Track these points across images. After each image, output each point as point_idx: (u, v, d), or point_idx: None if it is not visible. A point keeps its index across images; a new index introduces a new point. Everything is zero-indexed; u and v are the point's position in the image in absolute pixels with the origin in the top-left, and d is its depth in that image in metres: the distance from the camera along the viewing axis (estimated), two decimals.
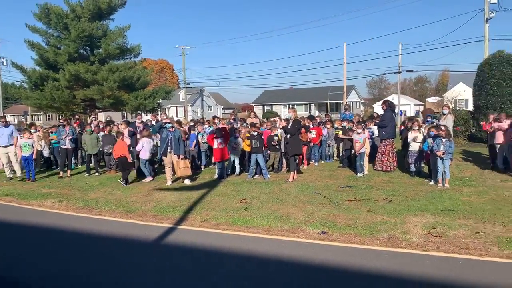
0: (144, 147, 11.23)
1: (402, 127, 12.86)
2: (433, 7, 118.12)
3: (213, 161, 13.41)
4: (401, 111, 46.37)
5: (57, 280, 5.00)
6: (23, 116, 62.04)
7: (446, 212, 7.20)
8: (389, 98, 57.69)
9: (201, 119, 18.97)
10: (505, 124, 10.88)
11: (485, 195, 8.37)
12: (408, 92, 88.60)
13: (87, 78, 25.19)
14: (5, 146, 12.24)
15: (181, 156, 10.60)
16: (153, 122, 15.05)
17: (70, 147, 12.84)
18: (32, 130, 14.53)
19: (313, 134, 13.06)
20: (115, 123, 15.30)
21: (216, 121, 15.19)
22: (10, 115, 70.24)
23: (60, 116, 31.42)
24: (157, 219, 7.61)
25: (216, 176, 11.44)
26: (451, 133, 10.51)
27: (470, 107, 22.46)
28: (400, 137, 12.92)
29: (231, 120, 14.75)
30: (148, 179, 11.45)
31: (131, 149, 12.02)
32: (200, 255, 5.77)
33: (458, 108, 26.36)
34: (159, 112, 29.93)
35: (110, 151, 12.56)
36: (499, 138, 10.93)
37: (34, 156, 12.45)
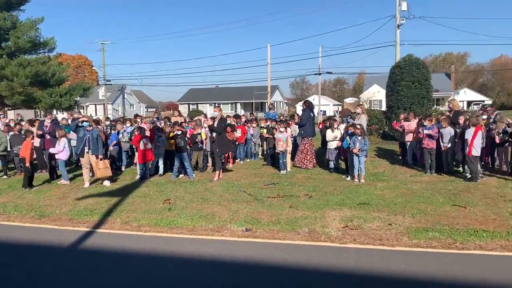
0: (65, 148, 10.57)
1: (322, 126, 13.42)
2: (351, 12, 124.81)
3: (134, 161, 12.98)
4: (321, 110, 48.39)
5: None
6: None
7: (361, 206, 7.64)
8: (310, 98, 59.94)
9: (121, 117, 18.24)
10: (413, 123, 11.80)
11: (396, 189, 9.01)
12: (328, 93, 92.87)
13: None
14: None
15: (100, 157, 10.10)
16: (69, 121, 14.20)
17: None
18: None
19: (238, 133, 13.16)
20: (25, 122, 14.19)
21: (139, 120, 14.73)
22: None
23: None
24: (74, 223, 7.17)
25: (138, 177, 11.06)
26: (366, 131, 11.16)
27: (384, 107, 24.05)
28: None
29: (154, 119, 14.38)
30: (64, 181, 10.75)
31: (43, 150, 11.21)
32: (120, 258, 5.55)
33: (372, 108, 28.13)
34: (76, 110, 28.26)
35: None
36: (409, 136, 11.84)
37: None
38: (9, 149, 12.23)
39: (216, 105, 11.65)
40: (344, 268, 4.97)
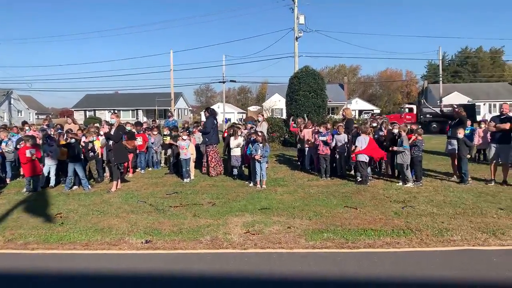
0: None
1: (226, 134, 13.56)
2: (255, 22, 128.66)
3: (21, 172, 11.84)
4: (226, 118, 48.86)
5: None
6: None
7: (263, 211, 7.83)
8: (215, 106, 60.42)
9: (3, 125, 16.51)
10: (310, 130, 12.46)
11: (295, 193, 9.41)
12: (232, 100, 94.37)
13: None
14: None
15: None
16: None
17: None
18: None
19: (139, 141, 12.70)
20: None
21: (27, 127, 13.47)
22: None
23: None
24: None
25: (24, 190, 10.05)
26: (267, 138, 11.53)
27: (285, 116, 25.05)
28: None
29: (45, 126, 13.26)
30: None
31: None
32: (6, 280, 4.97)
33: (274, 116, 29.18)
34: None
35: None
36: (306, 142, 12.47)
37: None
38: None
39: (114, 111, 11.11)
40: (245, 273, 5.03)
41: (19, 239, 6.45)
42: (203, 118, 13.10)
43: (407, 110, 38.27)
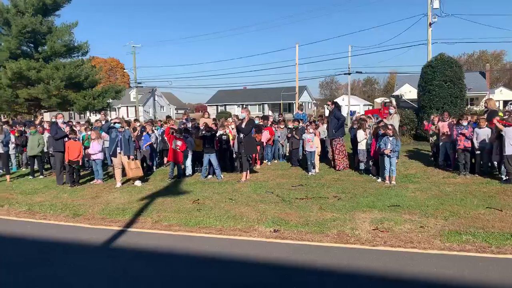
0: (98, 149, 10.90)
1: (352, 126, 13.26)
2: (383, 11, 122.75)
3: (165, 161, 13.21)
4: (351, 111, 47.76)
5: None
6: None
7: (392, 208, 7.48)
8: (340, 98, 59.33)
9: (150, 119, 18.61)
10: (446, 123, 11.44)
11: (428, 191, 8.78)
12: (358, 92, 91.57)
13: (30, 76, 23.97)
14: None
15: (131, 157, 10.33)
16: (103, 122, 14.58)
17: (2, 151, 11.94)
18: None
19: (266, 134, 13.18)
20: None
21: (171, 122, 14.96)
22: None
23: (2, 117, 29.76)
24: (106, 222, 7.36)
25: (168, 177, 11.23)
26: (398, 132, 10.93)
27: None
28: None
29: (184, 120, 14.56)
30: (98, 181, 11.05)
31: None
32: (151, 257, 5.64)
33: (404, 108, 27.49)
34: (109, 111, 29.02)
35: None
36: (442, 136, 11.49)
37: None
38: (45, 150, 12.68)
39: (244, 106, 11.60)
40: (374, 270, 4.87)
41: (164, 221, 7.24)
42: (327, 112, 12.94)
43: None
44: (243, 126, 10.59)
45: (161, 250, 5.87)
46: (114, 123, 10.57)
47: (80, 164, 11.26)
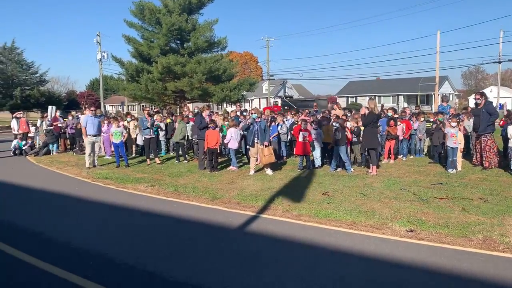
0: (233, 137, 11.60)
1: (503, 123, 11.75)
2: None
3: (295, 152, 13.43)
4: (500, 104, 42.32)
5: (147, 258, 5.33)
6: (120, 106, 67.52)
7: None
8: (487, 90, 52.98)
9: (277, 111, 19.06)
10: None
11: None
12: (509, 83, 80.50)
13: (176, 70, 26.55)
14: (94, 135, 12.82)
15: (266, 144, 10.75)
16: (237, 113, 15.46)
17: (152, 136, 13.39)
18: (128, 119, 15.73)
19: (401, 127, 12.47)
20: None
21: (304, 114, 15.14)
22: (109, 105, 76.75)
23: (154, 107, 33.58)
24: (241, 207, 7.79)
25: (298, 167, 11.42)
26: None
27: None
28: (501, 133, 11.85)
29: (314, 112, 14.60)
30: (233, 168, 11.78)
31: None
32: (281, 245, 5.80)
33: None
34: (243, 103, 30.63)
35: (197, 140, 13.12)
36: None
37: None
38: (190, 137, 13.97)
39: (371, 98, 11.16)
40: None
41: (294, 210, 7.37)
42: (471, 104, 11.64)
43: None
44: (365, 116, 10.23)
45: (291, 238, 5.99)
46: (251, 113, 11.15)
47: (218, 151, 12.13)
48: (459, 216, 6.68)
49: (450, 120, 10.71)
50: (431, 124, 12.89)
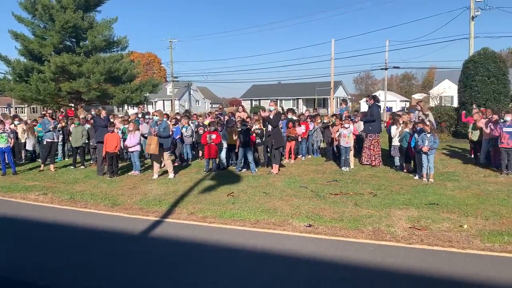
0: (136, 141, 11.21)
1: (389, 124, 13.00)
2: (421, 5, 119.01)
3: (200, 154, 13.42)
4: (387, 107, 46.73)
5: (43, 272, 4.94)
6: (6, 108, 61.11)
7: (430, 206, 7.31)
8: (375, 94, 58.10)
9: (184, 112, 18.93)
10: (485, 120, 11.01)
11: (468, 190, 8.51)
12: (395, 88, 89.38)
13: (72, 70, 24.84)
14: None
15: (154, 132, 10.49)
16: (139, 115, 14.98)
17: (56, 140, 12.59)
18: (16, 122, 14.36)
19: (302, 129, 13.15)
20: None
21: (211, 116, 15.14)
22: None
23: (45, 109, 30.98)
24: (143, 212, 7.58)
25: (204, 170, 11.42)
26: (436, 128, 10.61)
27: (455, 104, 22.74)
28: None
29: (218, 114, 14.73)
30: (135, 172, 11.38)
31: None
32: (187, 247, 5.77)
33: (443, 105, 26.69)
34: (146, 105, 29.70)
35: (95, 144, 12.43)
36: (484, 133, 11.09)
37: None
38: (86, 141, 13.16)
39: (274, 100, 11.65)
40: (410, 269, 4.79)
41: (199, 213, 7.37)
42: (362, 107, 12.72)
43: None
44: (271, 118, 10.65)
45: (196, 240, 5.99)
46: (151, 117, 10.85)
47: (118, 155, 11.61)
48: (352, 210, 7.25)
49: (343, 122, 11.55)
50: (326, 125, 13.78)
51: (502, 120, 10.15)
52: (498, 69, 16.64)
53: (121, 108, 46.70)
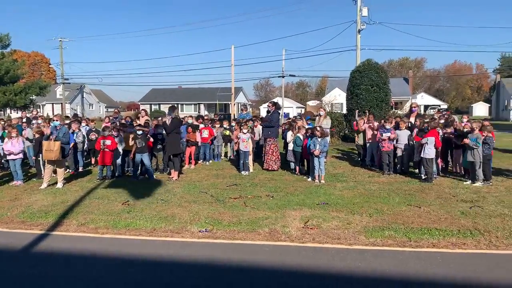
0: (19, 148, 10.16)
1: (284, 128, 13.57)
2: (316, 16, 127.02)
3: (92, 162, 12.68)
4: (285, 113, 48.82)
5: None
6: None
7: (321, 206, 7.78)
8: (274, 100, 60.38)
9: (74, 115, 17.75)
10: (368, 125, 12.10)
11: (355, 189, 9.24)
12: (291, 95, 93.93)
13: None
14: None
15: (52, 137, 9.70)
16: (24, 120, 13.66)
17: None
18: None
19: (205, 134, 13.11)
20: None
21: (107, 120, 14.32)
22: None
23: None
24: (26, 226, 6.89)
25: (97, 177, 10.76)
26: (326, 133, 11.33)
27: (344, 110, 24.60)
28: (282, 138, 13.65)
29: (113, 119, 14.04)
30: (17, 182, 10.31)
31: None
32: (75, 261, 5.37)
33: (334, 111, 28.71)
34: (32, 109, 27.16)
35: None
36: (368, 138, 12.14)
37: None
38: None
39: (172, 106, 11.49)
40: (303, 266, 5.04)
41: (90, 224, 6.92)
42: (262, 112, 13.12)
43: None
44: (167, 122, 10.49)
45: (85, 253, 5.61)
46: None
47: None
48: (250, 213, 7.40)
49: (243, 127, 11.77)
50: (227, 131, 13.94)
51: (382, 126, 11.22)
52: (380, 79, 18.40)
53: (2, 111, 42.08)
